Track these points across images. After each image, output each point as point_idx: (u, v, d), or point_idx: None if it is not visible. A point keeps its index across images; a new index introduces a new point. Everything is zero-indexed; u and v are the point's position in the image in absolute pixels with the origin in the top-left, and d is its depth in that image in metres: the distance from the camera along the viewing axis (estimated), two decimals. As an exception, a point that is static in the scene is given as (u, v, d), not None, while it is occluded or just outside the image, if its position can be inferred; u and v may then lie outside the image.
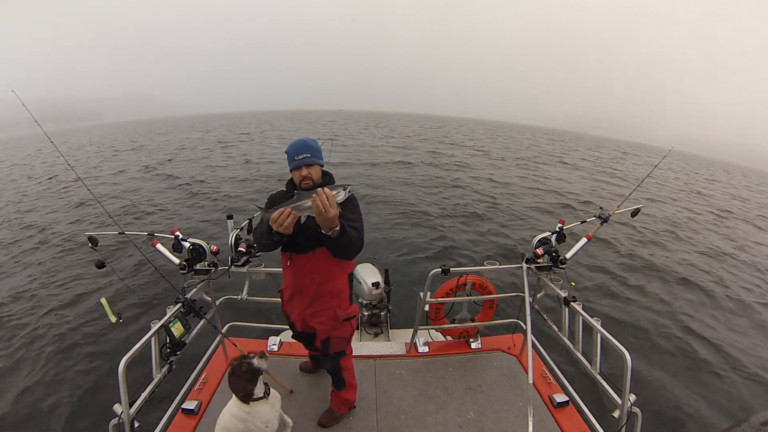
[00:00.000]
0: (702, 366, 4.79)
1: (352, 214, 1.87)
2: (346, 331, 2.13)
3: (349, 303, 2.11)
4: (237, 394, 1.88)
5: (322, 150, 1.98)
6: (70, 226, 9.53)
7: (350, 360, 2.34)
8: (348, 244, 1.75)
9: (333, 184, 1.92)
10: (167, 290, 2.31)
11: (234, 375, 1.85)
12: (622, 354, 1.84)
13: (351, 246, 1.78)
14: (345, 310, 2.07)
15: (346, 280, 2.07)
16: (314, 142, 1.94)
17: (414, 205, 11.14)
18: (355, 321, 2.17)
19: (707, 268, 8.12)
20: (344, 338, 2.16)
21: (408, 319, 3.57)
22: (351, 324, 2.13)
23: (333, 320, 2.06)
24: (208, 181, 14.12)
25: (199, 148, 25.94)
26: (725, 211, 15.53)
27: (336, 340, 2.12)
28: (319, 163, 1.94)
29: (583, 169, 22.84)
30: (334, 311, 2.05)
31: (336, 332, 2.10)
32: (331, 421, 2.39)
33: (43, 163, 22.19)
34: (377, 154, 21.77)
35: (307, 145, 1.91)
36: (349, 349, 2.29)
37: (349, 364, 2.34)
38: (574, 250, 2.65)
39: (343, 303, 2.07)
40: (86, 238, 2.26)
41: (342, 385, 2.34)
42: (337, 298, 2.05)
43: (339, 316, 2.05)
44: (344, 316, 2.07)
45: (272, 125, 55.21)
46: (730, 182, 31.72)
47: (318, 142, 1.96)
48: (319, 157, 1.94)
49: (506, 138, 47.07)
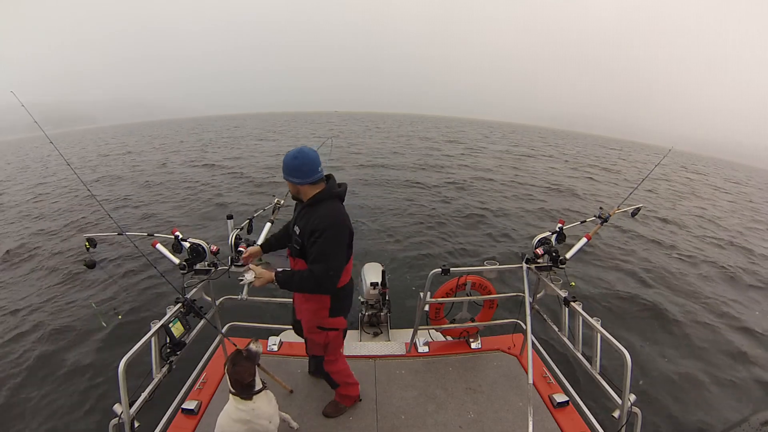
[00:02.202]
0: (703, 365, 4.79)
1: (319, 249, 1.84)
2: (321, 338, 2.16)
3: (328, 314, 2.09)
4: (243, 382, 1.87)
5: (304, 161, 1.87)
6: (71, 226, 9.53)
7: (337, 365, 2.35)
8: (301, 288, 1.93)
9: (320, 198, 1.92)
10: (167, 290, 2.31)
11: (236, 364, 1.87)
12: (622, 354, 1.84)
13: (299, 290, 1.96)
14: (322, 320, 2.10)
15: (325, 295, 2.05)
16: (289, 158, 1.86)
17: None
18: (334, 333, 2.17)
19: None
20: (319, 344, 2.20)
21: (408, 319, 3.57)
22: (327, 334, 2.15)
23: (310, 322, 2.15)
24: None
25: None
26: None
27: (311, 342, 2.22)
28: (290, 181, 1.91)
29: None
30: (315, 316, 2.11)
31: (312, 335, 2.19)
32: (336, 411, 2.45)
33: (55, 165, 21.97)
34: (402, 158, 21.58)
35: (284, 164, 1.90)
36: (333, 357, 2.29)
37: (336, 369, 2.35)
38: (574, 250, 2.65)
39: (322, 311, 2.09)
40: (85, 239, 2.26)
41: (335, 385, 2.39)
42: (316, 303, 2.08)
43: (315, 321, 2.12)
44: (319, 324, 2.12)
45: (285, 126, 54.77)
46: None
47: (304, 158, 1.86)
48: (292, 175, 1.88)
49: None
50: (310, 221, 1.87)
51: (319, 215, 1.86)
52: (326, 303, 2.06)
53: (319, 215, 1.86)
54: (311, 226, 1.86)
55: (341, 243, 1.90)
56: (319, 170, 1.88)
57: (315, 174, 1.87)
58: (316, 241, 1.84)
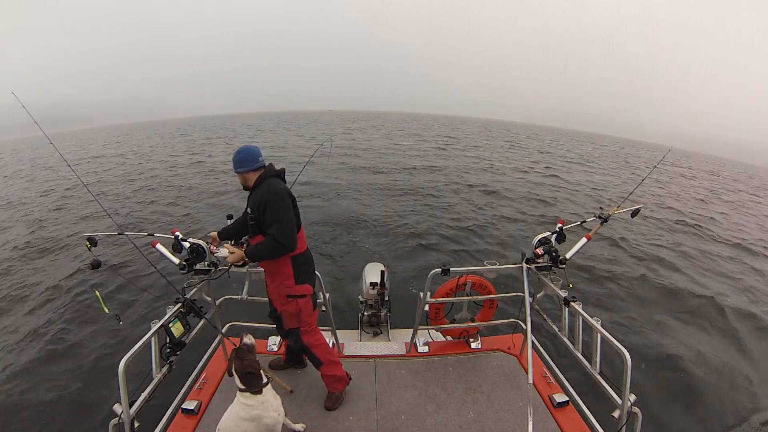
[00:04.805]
0: (703, 365, 4.79)
1: (270, 216, 2.11)
2: (292, 307, 2.33)
3: (294, 282, 2.29)
4: (255, 372, 1.92)
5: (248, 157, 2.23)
6: (70, 226, 9.54)
7: (314, 337, 2.44)
8: (265, 256, 2.20)
9: (265, 182, 2.22)
10: (167, 290, 2.32)
11: (242, 358, 1.91)
12: (622, 354, 1.84)
13: (266, 256, 2.19)
14: (289, 288, 2.30)
15: (287, 261, 2.25)
16: (235, 153, 2.24)
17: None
18: (303, 300, 2.32)
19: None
20: (292, 314, 2.35)
21: (408, 319, 3.57)
22: (297, 302, 2.32)
23: (282, 296, 2.33)
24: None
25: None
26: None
27: (286, 314, 2.36)
28: (238, 172, 2.26)
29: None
30: (282, 287, 2.31)
31: (285, 307, 2.35)
32: (334, 402, 2.50)
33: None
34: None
35: (232, 161, 2.26)
36: (308, 327, 2.41)
37: (315, 341, 2.44)
38: (574, 250, 2.65)
39: (287, 281, 2.29)
40: (85, 239, 2.26)
41: (319, 362, 2.46)
42: (281, 276, 2.29)
43: (283, 292, 2.31)
44: (287, 293, 2.30)
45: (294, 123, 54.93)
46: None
47: (246, 152, 2.24)
48: (238, 167, 2.25)
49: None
50: (257, 199, 2.17)
51: (262, 191, 2.17)
52: (288, 271, 2.26)
53: (262, 191, 2.17)
54: (257, 201, 2.16)
55: (286, 207, 2.15)
56: (259, 159, 2.23)
57: (255, 162, 2.22)
58: (265, 211, 2.12)
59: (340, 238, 8.33)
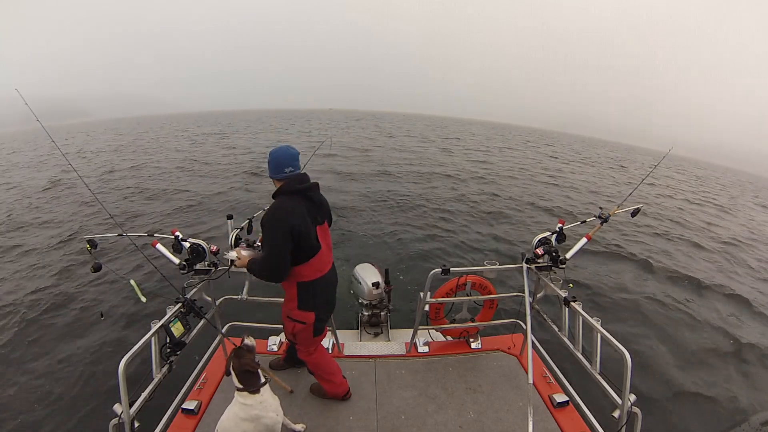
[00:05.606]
0: (705, 364, 4.79)
1: (263, 240, 2.02)
2: (288, 327, 2.26)
3: (296, 306, 2.16)
4: (253, 371, 1.92)
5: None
6: (71, 226, 9.52)
7: (313, 359, 2.42)
8: (257, 273, 2.05)
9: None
10: (167, 290, 2.31)
11: (240, 357, 1.91)
12: (622, 354, 1.84)
13: (257, 273, 2.06)
14: (290, 311, 2.20)
15: (293, 284, 2.13)
16: (270, 153, 2.07)
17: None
18: (300, 326, 2.20)
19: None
20: (288, 332, 2.31)
21: (408, 319, 3.58)
22: (294, 325, 2.20)
23: (283, 311, 2.28)
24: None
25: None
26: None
27: (284, 327, 2.32)
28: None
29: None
30: (285, 307, 2.25)
31: (284, 321, 2.29)
32: (318, 392, 2.58)
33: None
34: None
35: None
36: (304, 349, 2.37)
37: (313, 362, 2.43)
38: (574, 250, 2.65)
39: (290, 303, 2.20)
40: (85, 241, 2.26)
41: (318, 377, 2.49)
42: (286, 295, 2.22)
43: (284, 311, 2.26)
44: (287, 314, 2.23)
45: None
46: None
47: (275, 155, 2.05)
48: (268, 169, 2.10)
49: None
50: (263, 216, 2.02)
51: (269, 209, 1.99)
52: (293, 295, 2.15)
53: (269, 209, 1.99)
54: (262, 219, 2.01)
55: (276, 236, 1.93)
56: (285, 169, 2.02)
57: (279, 171, 2.03)
58: (262, 233, 2.00)
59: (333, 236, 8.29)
